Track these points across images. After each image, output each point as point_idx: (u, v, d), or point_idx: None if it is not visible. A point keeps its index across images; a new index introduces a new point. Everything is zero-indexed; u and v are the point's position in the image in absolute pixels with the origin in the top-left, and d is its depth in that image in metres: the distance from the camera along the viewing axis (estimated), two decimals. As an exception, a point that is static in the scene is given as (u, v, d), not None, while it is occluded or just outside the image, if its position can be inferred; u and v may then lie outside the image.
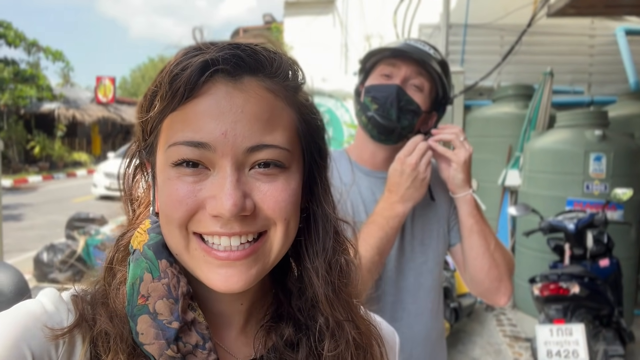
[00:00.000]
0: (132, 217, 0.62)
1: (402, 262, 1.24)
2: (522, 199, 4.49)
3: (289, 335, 0.58)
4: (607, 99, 5.58)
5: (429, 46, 1.24)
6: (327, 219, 0.61)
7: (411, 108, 1.20)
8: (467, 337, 4.05)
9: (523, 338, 3.93)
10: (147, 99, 0.53)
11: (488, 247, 1.21)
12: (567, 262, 3.30)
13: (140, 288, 0.52)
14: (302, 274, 0.60)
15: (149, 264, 0.53)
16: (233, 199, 0.48)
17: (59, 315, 0.51)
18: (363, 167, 1.29)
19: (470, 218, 1.21)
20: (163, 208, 0.52)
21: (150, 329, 0.49)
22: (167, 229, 0.52)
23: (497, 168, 4.95)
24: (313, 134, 0.59)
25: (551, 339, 2.50)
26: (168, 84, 0.50)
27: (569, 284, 2.69)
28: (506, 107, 5.20)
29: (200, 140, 0.49)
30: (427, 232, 1.28)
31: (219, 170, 0.50)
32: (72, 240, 5.55)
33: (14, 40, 16.57)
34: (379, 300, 1.20)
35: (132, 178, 0.61)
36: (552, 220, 3.38)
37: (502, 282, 1.22)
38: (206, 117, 0.49)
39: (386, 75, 1.22)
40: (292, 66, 0.56)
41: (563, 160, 4.08)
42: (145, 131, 0.55)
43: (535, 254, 4.26)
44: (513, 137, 4.93)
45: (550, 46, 5.91)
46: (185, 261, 0.53)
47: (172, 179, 0.51)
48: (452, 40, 5.89)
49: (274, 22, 12.54)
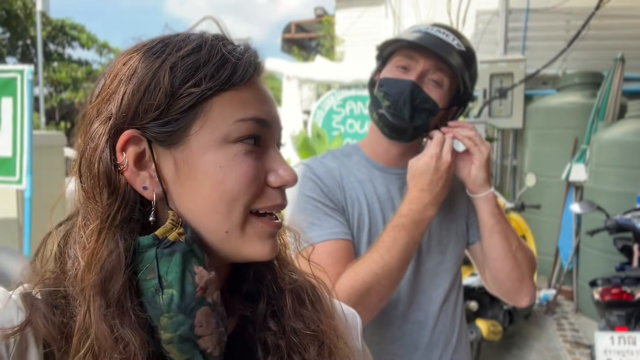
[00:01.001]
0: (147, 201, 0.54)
1: (419, 263, 1.17)
2: (587, 195, 4.19)
3: (246, 290, 0.61)
4: (687, 85, 5.07)
5: (452, 35, 1.14)
6: None
7: (426, 106, 1.11)
8: (523, 340, 3.84)
9: (585, 344, 3.67)
10: (187, 71, 0.50)
11: (510, 248, 1.13)
12: (635, 264, 3.06)
13: (196, 280, 0.50)
14: None
15: (199, 257, 0.51)
16: (291, 169, 0.55)
17: (8, 313, 0.49)
18: (378, 164, 1.21)
19: (491, 218, 1.13)
20: (231, 187, 0.51)
21: (211, 319, 0.50)
22: (228, 210, 0.52)
23: (560, 162, 4.65)
24: None
25: (612, 348, 2.30)
26: (220, 65, 0.52)
27: (634, 288, 2.46)
28: (572, 97, 4.87)
29: (264, 118, 0.54)
30: (444, 231, 1.20)
31: (268, 147, 0.56)
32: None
33: (86, 43, 17.68)
34: (396, 301, 1.14)
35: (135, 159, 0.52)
36: (620, 218, 3.13)
37: (524, 283, 1.15)
38: (262, 100, 0.55)
39: (403, 67, 1.13)
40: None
41: (634, 153, 3.77)
42: (174, 106, 0.50)
43: (601, 254, 3.96)
44: (579, 129, 4.61)
45: (621, 30, 5.45)
46: (232, 240, 0.53)
47: (239, 156, 0.52)
48: (512, 26, 5.58)
49: (326, 15, 12.49)
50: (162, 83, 0.50)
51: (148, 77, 0.50)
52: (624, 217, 3.14)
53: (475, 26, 5.93)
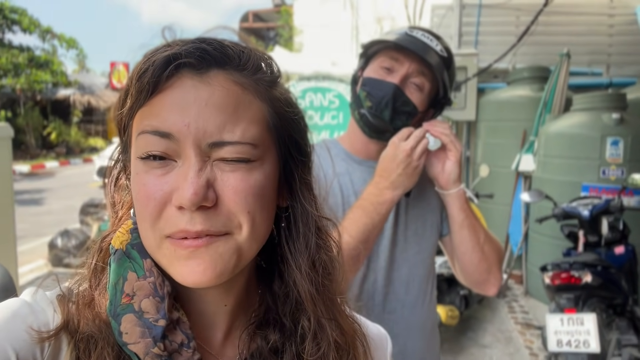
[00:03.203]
0: (115, 219, 0.61)
1: (395, 253, 1.21)
2: (536, 184, 4.41)
3: (274, 341, 0.57)
4: (626, 80, 5.40)
5: (435, 39, 1.17)
6: (308, 215, 0.59)
7: (407, 110, 1.15)
8: (477, 324, 4.02)
9: (535, 326, 3.89)
10: (120, 99, 0.53)
11: (478, 241, 1.19)
12: (580, 249, 3.23)
13: (124, 287, 0.51)
14: (286, 276, 0.59)
15: (133, 263, 0.53)
16: (194, 187, 0.47)
17: (45, 316, 0.50)
18: (356, 157, 1.25)
19: (461, 213, 1.18)
20: (136, 205, 0.52)
21: (136, 327, 0.49)
22: (141, 226, 0.52)
23: (511, 153, 4.85)
24: (288, 129, 0.57)
25: (562, 329, 2.45)
26: (136, 81, 0.50)
27: (581, 272, 2.63)
28: (521, 90, 5.08)
29: (164, 130, 0.49)
30: (420, 223, 1.25)
31: (184, 160, 0.49)
32: (86, 226, 5.63)
33: (28, 27, 16.72)
34: (372, 292, 1.18)
35: (115, 181, 0.60)
36: (566, 206, 3.31)
37: (491, 274, 1.21)
38: (171, 108, 0.49)
39: (387, 68, 1.16)
40: (265, 60, 0.56)
41: (579, 145, 3.98)
42: (120, 130, 0.55)
43: (549, 240, 4.19)
44: (528, 121, 4.81)
45: (568, 26, 5.72)
46: (158, 259, 0.52)
47: (140, 173, 0.50)
48: (465, 21, 5.74)
49: (284, 5, 12.38)
50: (115, 108, 0.55)
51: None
52: (570, 205, 3.33)
53: (431, 20, 6.05)
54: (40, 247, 5.89)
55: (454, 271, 1.30)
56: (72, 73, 20.43)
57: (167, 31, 0.54)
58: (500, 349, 3.63)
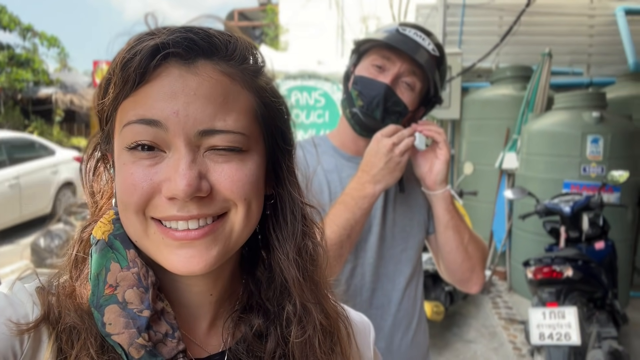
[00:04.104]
0: (95, 210, 0.61)
1: (383, 250, 1.23)
2: (519, 181, 4.47)
3: (258, 326, 0.58)
4: (606, 80, 5.51)
5: (427, 37, 1.18)
6: (294, 202, 0.60)
7: (397, 109, 1.17)
8: (462, 319, 4.07)
9: (518, 320, 3.95)
10: (101, 88, 0.52)
11: (462, 241, 1.21)
12: (562, 245, 3.29)
13: (107, 278, 0.51)
14: (271, 262, 0.60)
15: (116, 254, 0.52)
16: (187, 179, 0.47)
17: (24, 308, 0.49)
18: (345, 153, 1.26)
19: (447, 214, 1.20)
20: (119, 194, 0.51)
21: (120, 318, 0.49)
22: (124, 215, 0.52)
23: (494, 151, 4.92)
24: (274, 118, 0.58)
25: (544, 322, 2.50)
26: (120, 71, 0.49)
27: (563, 267, 2.68)
28: (504, 89, 5.14)
29: (152, 117, 0.48)
30: (407, 220, 1.26)
31: (174, 151, 0.49)
32: (69, 226, 5.55)
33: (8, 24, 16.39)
34: (360, 287, 1.20)
35: (93, 171, 0.60)
36: (548, 203, 3.37)
37: (474, 273, 1.24)
38: (158, 97, 0.48)
39: (378, 66, 1.17)
40: (250, 49, 0.55)
41: (560, 143, 4.05)
42: (101, 120, 0.55)
43: (531, 236, 4.25)
44: (511, 120, 4.88)
45: (549, 26, 5.81)
46: (145, 247, 0.52)
47: (127, 164, 0.50)
48: (449, 20, 5.80)
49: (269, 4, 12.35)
50: (95, 97, 0.54)
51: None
52: (552, 201, 3.39)
53: (416, 19, 6.10)
54: (21, 248, 5.79)
55: (438, 269, 1.33)
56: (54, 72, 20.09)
57: (150, 18, 0.53)
58: (484, 344, 3.68)
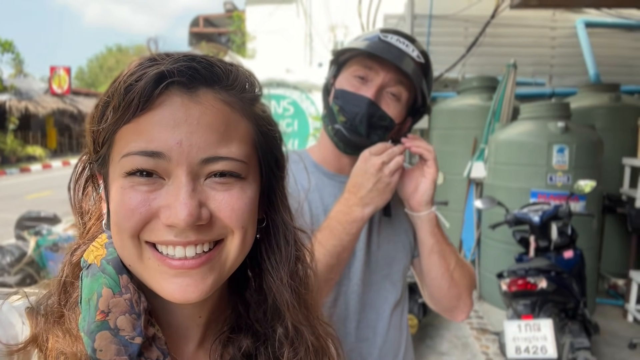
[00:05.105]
0: (83, 231, 0.61)
1: (366, 275, 1.14)
2: (487, 190, 4.51)
3: (246, 347, 0.59)
4: (567, 90, 5.66)
5: (412, 45, 1.09)
6: (287, 228, 0.62)
7: (383, 124, 1.08)
8: (435, 331, 4.04)
9: (490, 331, 3.95)
10: (99, 110, 0.52)
11: (448, 268, 1.12)
12: (532, 254, 3.32)
13: (98, 303, 0.50)
14: (261, 285, 0.61)
15: (108, 279, 0.52)
16: (188, 209, 0.48)
17: (14, 329, 0.50)
18: (327, 170, 1.16)
19: (431, 238, 1.10)
20: (115, 218, 0.51)
21: (111, 345, 0.49)
22: (119, 239, 0.52)
23: (462, 160, 4.95)
24: (270, 146, 0.59)
25: (520, 335, 2.48)
26: (122, 95, 0.49)
27: (537, 278, 2.68)
28: (471, 99, 5.20)
29: (154, 150, 0.49)
30: (391, 244, 1.17)
31: (174, 179, 0.50)
32: (22, 241, 5.23)
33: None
34: (344, 318, 1.10)
35: (82, 190, 0.60)
36: (518, 212, 3.39)
37: (461, 300, 1.15)
38: (161, 127, 0.49)
39: (360, 77, 1.08)
40: (249, 78, 0.57)
41: (527, 152, 4.10)
42: (97, 142, 0.54)
43: (501, 246, 4.28)
44: (478, 129, 4.94)
45: (513, 38, 5.95)
46: (139, 272, 0.52)
47: (126, 188, 0.50)
48: (417, 31, 5.84)
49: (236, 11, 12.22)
50: (91, 119, 0.54)
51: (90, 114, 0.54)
52: (521, 211, 3.41)
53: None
54: (-30, 265, 5.41)
55: (422, 294, 1.24)
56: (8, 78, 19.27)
57: (152, 42, 0.56)
58: (457, 355, 3.65)
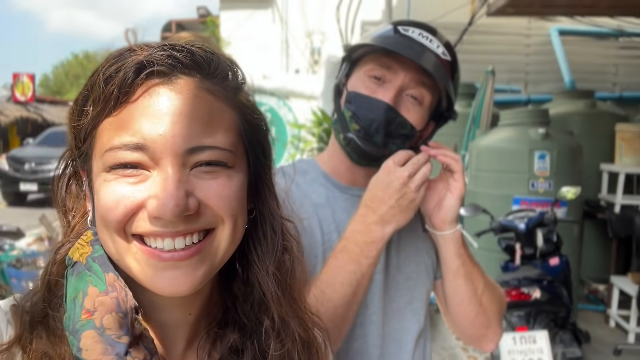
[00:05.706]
0: (67, 229, 0.60)
1: (386, 303, 1.01)
2: (469, 197, 4.47)
3: (234, 341, 0.58)
4: (543, 97, 5.73)
5: (436, 39, 0.96)
6: (274, 217, 0.61)
7: (403, 132, 0.95)
8: (420, 341, 3.95)
9: (476, 340, 3.89)
10: (78, 104, 0.52)
11: (475, 292, 1.00)
12: (517, 261, 3.29)
13: (84, 302, 0.49)
14: (248, 277, 0.60)
15: (94, 277, 0.51)
16: (175, 199, 0.47)
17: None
18: (339, 182, 1.03)
19: (457, 259, 0.98)
20: (100, 212, 0.50)
21: (97, 344, 0.48)
22: (104, 233, 0.51)
23: (442, 167, 4.92)
24: (256, 134, 0.58)
25: (515, 348, 2.42)
26: (101, 87, 0.48)
27: (530, 288, 2.63)
28: (450, 106, 5.19)
29: (137, 143, 0.48)
30: (413, 265, 1.05)
31: (159, 171, 0.49)
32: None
33: None
34: (362, 353, 0.98)
35: (65, 188, 0.59)
36: (503, 220, 3.36)
37: (490, 329, 1.03)
38: (143, 119, 0.48)
39: (377, 77, 0.95)
40: (231, 66, 0.56)
41: (508, 159, 4.10)
42: (78, 138, 0.53)
43: (486, 254, 4.23)
44: (458, 136, 4.92)
45: (490, 45, 6.00)
46: (126, 266, 0.51)
47: (110, 182, 0.49)
48: (394, 37, 5.82)
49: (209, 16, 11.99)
50: (70, 114, 0.53)
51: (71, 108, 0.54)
52: (506, 218, 3.38)
53: (361, 36, 6.08)
54: None
55: (445, 320, 1.12)
56: (-33, 84, 18.49)
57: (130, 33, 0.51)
58: (444, 367, 3.58)
